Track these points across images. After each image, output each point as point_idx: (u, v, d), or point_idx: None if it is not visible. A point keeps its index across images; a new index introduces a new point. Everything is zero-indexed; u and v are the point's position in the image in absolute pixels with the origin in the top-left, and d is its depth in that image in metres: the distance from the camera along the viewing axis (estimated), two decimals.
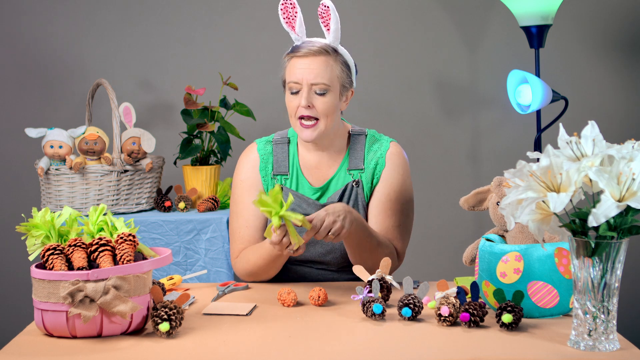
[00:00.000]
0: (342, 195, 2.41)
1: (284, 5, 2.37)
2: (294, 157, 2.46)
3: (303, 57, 2.33)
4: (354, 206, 2.41)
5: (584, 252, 1.75)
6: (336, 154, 2.45)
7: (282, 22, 2.39)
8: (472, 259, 2.21)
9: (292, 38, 2.40)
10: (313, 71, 2.32)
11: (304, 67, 2.33)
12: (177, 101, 3.67)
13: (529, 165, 1.75)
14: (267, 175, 2.45)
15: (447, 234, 3.77)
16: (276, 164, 2.45)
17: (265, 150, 2.46)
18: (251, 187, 2.45)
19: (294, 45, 2.38)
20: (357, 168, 2.43)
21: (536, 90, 3.28)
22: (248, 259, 2.39)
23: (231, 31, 3.74)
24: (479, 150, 3.79)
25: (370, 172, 2.43)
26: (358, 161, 2.43)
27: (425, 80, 3.79)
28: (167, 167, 3.59)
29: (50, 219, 2.05)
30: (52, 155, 3.15)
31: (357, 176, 2.42)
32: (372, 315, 2.01)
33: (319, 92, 2.33)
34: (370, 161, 2.43)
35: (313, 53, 2.33)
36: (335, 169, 2.44)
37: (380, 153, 2.44)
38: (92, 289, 1.84)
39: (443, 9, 3.76)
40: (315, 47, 2.33)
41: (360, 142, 2.46)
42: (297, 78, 2.33)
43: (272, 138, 2.49)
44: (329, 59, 2.34)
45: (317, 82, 2.32)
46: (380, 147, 2.45)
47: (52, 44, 3.71)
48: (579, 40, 3.77)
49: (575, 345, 1.79)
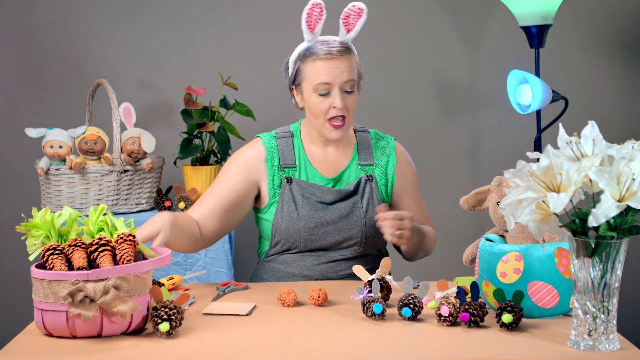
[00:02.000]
0: (357, 187, 2.47)
1: (311, 9, 2.38)
2: (300, 150, 2.49)
3: (330, 59, 2.37)
4: (369, 200, 2.47)
5: (584, 252, 1.75)
6: (344, 149, 2.51)
7: (302, 23, 2.39)
8: (472, 259, 2.21)
9: (306, 38, 2.41)
10: (344, 71, 2.37)
11: (334, 68, 2.37)
12: (177, 101, 3.67)
13: (529, 165, 1.75)
14: (273, 167, 2.46)
15: (447, 234, 3.77)
16: (282, 157, 2.47)
17: (270, 143, 2.49)
18: (245, 170, 2.46)
19: (311, 46, 2.40)
20: (367, 164, 2.50)
21: (536, 90, 3.28)
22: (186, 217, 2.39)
23: (231, 31, 3.74)
24: (479, 150, 3.79)
25: (383, 169, 2.51)
26: (368, 157, 2.51)
27: (425, 80, 3.79)
28: (167, 167, 3.59)
29: (50, 219, 2.05)
30: (52, 155, 3.15)
31: (370, 172, 2.49)
32: (372, 315, 2.01)
33: (349, 91, 2.39)
34: (379, 158, 2.51)
35: (339, 54, 2.37)
36: (347, 162, 2.50)
37: (389, 150, 2.53)
38: (92, 289, 1.84)
39: (443, 9, 3.76)
40: (338, 47, 2.38)
41: (366, 139, 2.53)
42: (328, 79, 2.37)
43: (274, 133, 2.52)
44: (351, 56, 2.40)
45: (348, 80, 2.38)
46: (388, 145, 2.54)
47: (52, 44, 3.71)
48: (579, 40, 3.77)
49: (575, 345, 1.79)
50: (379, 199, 2.48)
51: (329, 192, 2.45)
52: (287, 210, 2.43)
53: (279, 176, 2.46)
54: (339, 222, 2.44)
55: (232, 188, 2.45)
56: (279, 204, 2.44)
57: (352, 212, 2.45)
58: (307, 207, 2.42)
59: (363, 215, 2.45)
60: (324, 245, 2.45)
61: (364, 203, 2.46)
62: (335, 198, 2.45)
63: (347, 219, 2.44)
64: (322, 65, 2.37)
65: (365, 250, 2.48)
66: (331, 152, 2.50)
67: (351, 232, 2.45)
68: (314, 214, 2.43)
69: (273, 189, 2.45)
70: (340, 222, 2.44)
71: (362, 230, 2.45)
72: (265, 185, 2.46)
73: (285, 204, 2.43)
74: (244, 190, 2.46)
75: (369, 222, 2.45)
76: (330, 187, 2.46)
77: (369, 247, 2.48)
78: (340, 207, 2.45)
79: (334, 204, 2.45)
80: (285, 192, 2.44)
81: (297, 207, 2.43)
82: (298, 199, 2.43)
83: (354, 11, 2.40)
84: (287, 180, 2.44)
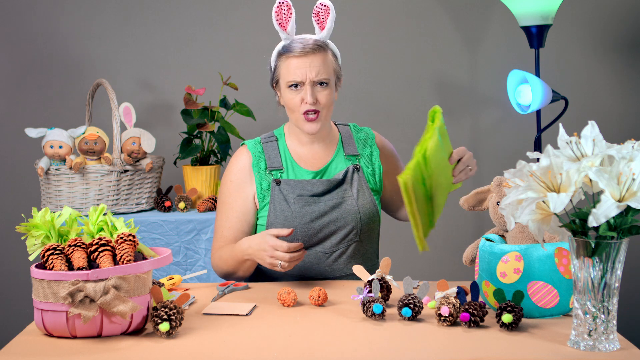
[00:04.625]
0: (345, 176, 2.50)
1: (279, 8, 2.45)
2: (286, 152, 2.53)
3: (301, 57, 2.41)
4: (359, 189, 2.51)
5: (584, 252, 1.75)
6: (329, 144, 2.55)
7: (274, 23, 2.46)
8: (472, 259, 2.21)
9: (282, 37, 2.47)
10: (314, 68, 2.41)
11: (304, 66, 2.41)
12: (177, 101, 3.67)
13: (529, 165, 1.75)
14: (260, 172, 2.50)
15: (447, 234, 3.77)
16: (269, 161, 2.50)
17: (255, 149, 2.53)
18: (239, 187, 2.51)
19: (285, 45, 2.46)
20: (353, 154, 2.55)
21: (536, 90, 3.28)
22: (220, 255, 2.47)
23: (231, 31, 3.74)
24: (479, 150, 3.79)
25: (368, 159, 2.56)
26: (352, 148, 2.56)
27: (425, 80, 3.79)
28: (167, 167, 3.59)
29: (50, 219, 2.05)
30: (52, 155, 3.15)
31: (356, 161, 2.54)
32: (372, 315, 2.01)
33: (320, 86, 2.42)
34: (363, 149, 2.57)
35: (311, 51, 2.41)
36: (332, 155, 2.54)
37: (370, 142, 2.59)
38: (92, 289, 1.84)
39: (443, 9, 3.76)
40: (310, 44, 2.42)
41: (348, 131, 2.59)
42: (299, 77, 2.41)
43: (259, 139, 2.56)
44: (324, 54, 2.44)
45: (319, 79, 2.41)
46: (368, 136, 2.60)
47: (52, 44, 3.71)
48: (579, 40, 3.77)
49: (575, 345, 1.79)
50: (368, 187, 2.52)
51: (319, 184, 2.48)
52: (280, 210, 2.44)
53: (266, 180, 2.49)
54: (333, 212, 2.46)
55: (238, 213, 2.50)
56: (270, 205, 2.46)
57: (343, 201, 2.48)
58: (300, 204, 2.44)
59: (355, 202, 2.48)
60: (321, 239, 2.45)
61: (353, 191, 2.49)
62: (325, 188, 2.48)
63: (339, 208, 2.47)
64: (294, 62, 2.42)
65: (362, 238, 2.49)
66: (316, 148, 2.53)
67: (346, 220, 2.47)
68: (308, 209, 2.44)
69: (262, 192, 2.47)
70: (333, 212, 2.46)
71: (356, 217, 2.47)
72: (254, 191, 2.48)
73: (278, 205, 2.45)
74: (248, 207, 2.50)
75: (362, 209, 2.48)
76: (319, 179, 2.50)
77: (365, 235, 2.50)
78: (331, 197, 2.48)
79: (324, 195, 2.47)
80: (275, 193, 2.46)
81: (290, 205, 2.44)
82: (289, 197, 2.45)
83: (321, 9, 2.45)
84: (276, 182, 2.46)
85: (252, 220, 2.50)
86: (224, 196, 2.53)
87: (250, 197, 2.50)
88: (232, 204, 2.50)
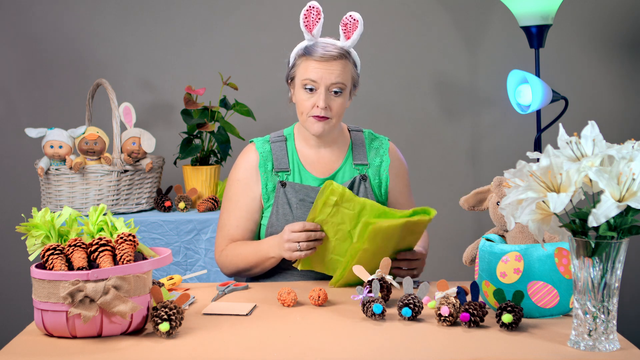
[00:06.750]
0: (351, 185, 2.48)
1: (308, 11, 2.44)
2: (293, 154, 2.51)
3: (322, 61, 2.40)
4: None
5: (584, 252, 1.75)
6: (339, 150, 2.53)
7: (301, 24, 2.43)
8: (472, 259, 2.21)
9: (306, 38, 2.45)
10: (333, 73, 2.40)
11: (323, 69, 2.40)
12: (177, 101, 3.67)
13: (529, 165, 1.75)
14: (267, 172, 2.48)
15: (447, 234, 3.77)
16: (276, 162, 2.49)
17: (263, 148, 2.51)
18: (246, 186, 2.50)
19: (308, 46, 2.43)
20: (361, 163, 2.52)
21: (536, 90, 3.28)
22: (239, 252, 2.45)
23: (231, 31, 3.74)
24: (479, 150, 3.79)
25: (376, 169, 2.53)
26: (361, 156, 2.53)
27: (425, 80, 3.79)
28: (167, 167, 3.59)
29: (50, 219, 2.05)
30: (52, 155, 3.15)
31: (364, 171, 2.51)
32: (372, 315, 2.01)
33: (335, 93, 2.41)
34: (373, 158, 2.53)
35: (333, 57, 2.40)
36: (340, 163, 2.52)
37: (382, 151, 2.55)
38: (92, 289, 1.84)
39: (443, 9, 3.76)
40: (333, 51, 2.41)
41: (360, 139, 2.56)
42: (315, 77, 2.39)
43: (268, 138, 2.54)
44: (345, 61, 2.43)
45: (336, 83, 2.40)
46: (382, 145, 2.56)
47: (52, 44, 3.71)
48: (579, 40, 3.77)
49: (575, 345, 1.79)
50: (373, 198, 2.49)
51: None
52: (282, 213, 2.44)
53: (272, 181, 2.48)
54: None
55: (245, 212, 2.49)
56: (273, 207, 2.45)
57: None
58: (302, 209, 2.43)
59: None
60: None
61: None
62: None
63: None
64: (313, 65, 2.40)
65: None
66: (324, 153, 2.52)
67: None
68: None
69: (267, 193, 2.47)
70: None
71: None
72: (260, 191, 2.48)
73: (280, 208, 2.44)
74: (254, 206, 2.50)
75: None
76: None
77: None
78: None
79: None
80: (279, 195, 2.45)
81: (292, 209, 2.44)
82: (293, 201, 2.44)
83: (349, 21, 2.44)
84: (282, 184, 2.45)
85: (258, 219, 2.50)
86: (232, 194, 2.51)
87: (257, 196, 2.48)
88: (239, 203, 2.49)
